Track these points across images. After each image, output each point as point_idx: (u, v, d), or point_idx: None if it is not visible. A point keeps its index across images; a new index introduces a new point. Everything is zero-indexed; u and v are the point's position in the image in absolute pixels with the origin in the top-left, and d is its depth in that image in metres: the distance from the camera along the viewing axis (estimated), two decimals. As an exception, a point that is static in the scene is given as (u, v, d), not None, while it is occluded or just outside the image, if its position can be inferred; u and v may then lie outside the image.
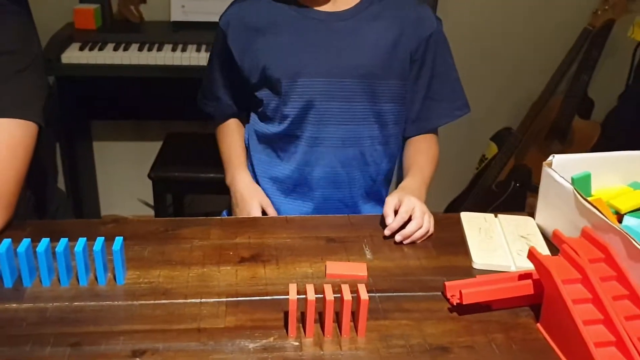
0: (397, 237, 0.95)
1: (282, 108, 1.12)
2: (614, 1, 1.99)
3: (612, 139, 2.13)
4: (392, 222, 0.95)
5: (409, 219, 0.96)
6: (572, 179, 0.96)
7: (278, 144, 1.16)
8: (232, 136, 1.25)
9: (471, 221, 1.03)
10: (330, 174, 1.15)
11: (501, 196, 2.23)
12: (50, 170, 1.34)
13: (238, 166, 1.21)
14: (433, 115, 1.19)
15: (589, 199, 0.95)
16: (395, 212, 0.97)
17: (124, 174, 2.55)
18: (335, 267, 0.88)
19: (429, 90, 1.16)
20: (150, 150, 2.20)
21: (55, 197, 1.33)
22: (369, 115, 1.13)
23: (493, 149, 2.34)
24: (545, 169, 0.97)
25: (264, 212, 1.14)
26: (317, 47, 1.08)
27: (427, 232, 0.97)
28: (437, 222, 1.02)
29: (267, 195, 1.18)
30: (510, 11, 2.39)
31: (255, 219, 1.06)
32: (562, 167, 0.98)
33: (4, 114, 0.95)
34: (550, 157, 0.98)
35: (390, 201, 0.98)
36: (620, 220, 0.96)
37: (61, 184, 2.35)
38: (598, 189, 1.00)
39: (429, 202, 2.14)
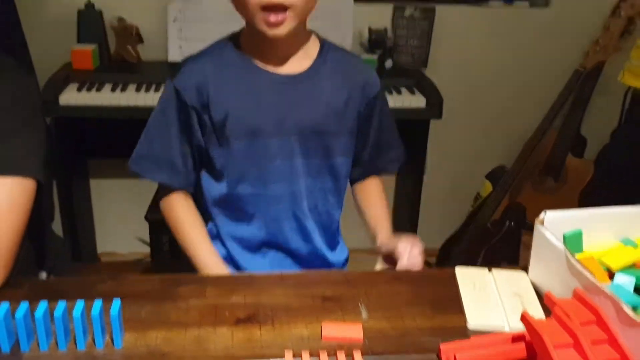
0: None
1: (240, 167, 1.14)
2: (604, 43, 2.03)
3: (604, 178, 2.15)
4: (404, 262, 1.11)
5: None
6: (564, 237, 0.98)
7: (237, 203, 1.18)
8: (187, 214, 1.20)
9: (466, 276, 1.04)
10: (293, 229, 1.21)
11: (496, 235, 2.25)
12: (48, 219, 1.34)
13: (203, 248, 1.18)
14: (380, 162, 1.29)
15: (580, 256, 0.97)
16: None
17: (121, 212, 2.56)
18: (331, 330, 0.89)
19: (377, 140, 1.25)
20: (148, 187, 2.19)
21: (54, 245, 1.33)
22: (324, 169, 1.19)
23: (488, 187, 2.36)
24: (537, 227, 0.99)
25: None
26: (274, 106, 1.11)
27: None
28: (433, 277, 1.04)
29: (234, 255, 1.21)
30: (503, 51, 2.44)
31: (250, 275, 1.07)
32: (553, 223, 0.99)
33: (3, 172, 0.96)
34: (542, 214, 1.00)
35: (404, 244, 1.14)
36: (612, 277, 0.97)
37: (58, 221, 2.36)
38: (590, 245, 1.01)
39: (425, 239, 2.19)
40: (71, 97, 2.03)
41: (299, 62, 1.13)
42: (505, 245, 2.23)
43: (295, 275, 1.04)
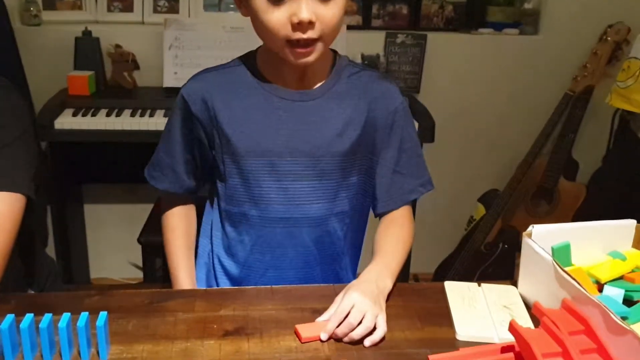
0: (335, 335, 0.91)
1: (250, 188, 1.10)
2: (592, 67, 2.07)
3: (597, 201, 2.16)
4: (328, 324, 0.90)
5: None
6: (552, 249, 0.98)
7: (240, 222, 1.14)
8: (181, 228, 1.20)
9: (455, 290, 1.04)
10: (302, 254, 1.14)
11: (490, 258, 2.25)
12: (39, 238, 1.34)
13: (183, 270, 1.18)
14: (401, 191, 1.16)
15: (568, 269, 0.97)
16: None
17: (114, 237, 2.55)
18: (307, 330, 0.89)
19: (397, 164, 1.15)
20: (141, 212, 2.21)
21: (45, 265, 1.33)
22: (340, 191, 1.13)
23: (481, 210, 2.37)
24: (525, 240, 0.99)
25: None
26: (287, 125, 1.07)
27: (370, 330, 0.90)
28: (422, 292, 1.03)
29: (233, 273, 1.18)
30: (494, 76, 2.47)
31: (240, 289, 1.07)
32: (541, 237, 0.99)
33: None
34: (530, 228, 1.00)
35: (337, 299, 0.96)
36: (600, 290, 0.97)
37: (51, 246, 2.35)
38: (578, 258, 1.02)
39: (420, 263, 2.15)
40: (66, 121, 2.04)
41: (314, 81, 1.09)
42: (499, 268, 2.23)
43: (286, 289, 1.04)
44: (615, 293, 0.95)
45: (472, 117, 2.51)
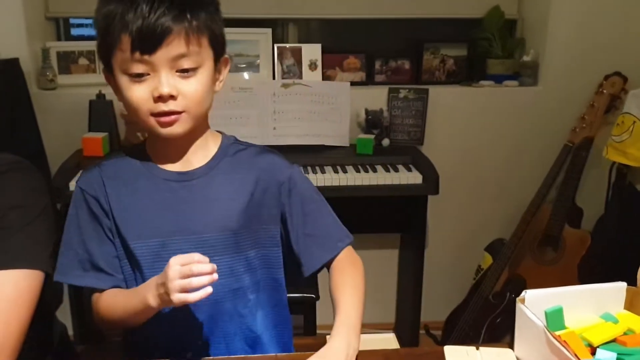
0: None
1: (143, 271, 1.09)
2: (590, 119, 2.12)
3: (601, 247, 2.19)
4: None
5: None
6: (545, 313, 1.02)
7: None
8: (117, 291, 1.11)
9: (454, 355, 1.07)
10: (206, 333, 1.13)
11: (498, 307, 2.26)
12: (54, 305, 1.38)
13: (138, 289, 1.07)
14: (317, 253, 1.16)
15: (562, 332, 1.00)
16: None
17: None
18: None
19: (306, 228, 1.16)
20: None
21: (58, 330, 1.37)
22: (235, 267, 1.13)
23: (488, 259, 2.40)
24: (519, 305, 1.03)
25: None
26: (173, 206, 1.09)
27: None
28: (422, 357, 1.06)
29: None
30: (495, 127, 2.53)
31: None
32: (535, 301, 1.03)
33: (11, 265, 1.02)
34: (523, 293, 1.04)
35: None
36: (593, 353, 1.00)
37: (66, 303, 2.40)
38: (571, 321, 1.05)
39: (430, 312, 2.16)
40: (81, 183, 2.11)
41: (198, 160, 1.12)
42: (507, 317, 2.23)
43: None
44: (607, 356, 0.98)
45: (476, 168, 2.56)
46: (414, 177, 2.22)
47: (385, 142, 2.43)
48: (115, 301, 1.08)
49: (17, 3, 2.28)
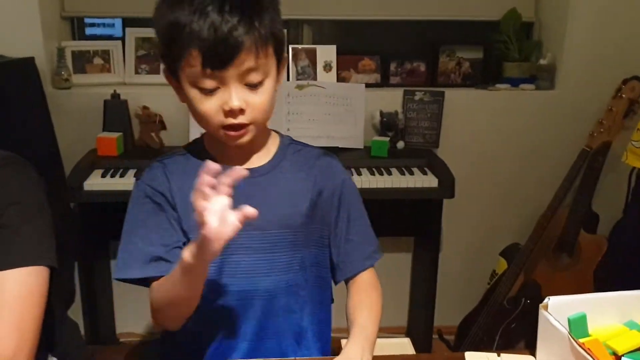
0: None
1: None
2: (608, 124, 2.09)
3: (618, 253, 2.16)
4: None
5: None
6: (569, 320, 1.00)
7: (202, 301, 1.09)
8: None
9: (474, 361, 1.05)
10: (255, 327, 1.15)
11: (513, 312, 2.24)
12: (60, 303, 1.37)
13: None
14: (356, 258, 1.20)
15: (585, 340, 0.98)
16: None
17: (141, 292, 2.58)
18: None
19: (349, 234, 1.20)
20: (166, 268, 2.25)
21: (66, 329, 1.36)
22: (292, 264, 1.15)
23: (503, 264, 2.37)
24: (542, 312, 1.01)
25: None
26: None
27: None
28: (441, 362, 1.05)
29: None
30: (512, 131, 2.52)
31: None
32: (558, 308, 1.01)
33: (18, 264, 1.01)
34: (546, 300, 1.02)
35: None
36: (618, 362, 0.98)
37: (78, 302, 2.40)
38: (595, 329, 1.03)
39: (444, 317, 2.12)
40: (95, 183, 2.11)
41: (260, 159, 1.15)
42: (522, 323, 2.22)
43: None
44: (632, 365, 0.96)
45: (491, 172, 2.54)
46: (429, 181, 2.20)
47: (400, 144, 2.41)
48: (164, 280, 1.07)
49: (33, 2, 2.29)
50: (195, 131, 2.33)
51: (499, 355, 1.07)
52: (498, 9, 2.53)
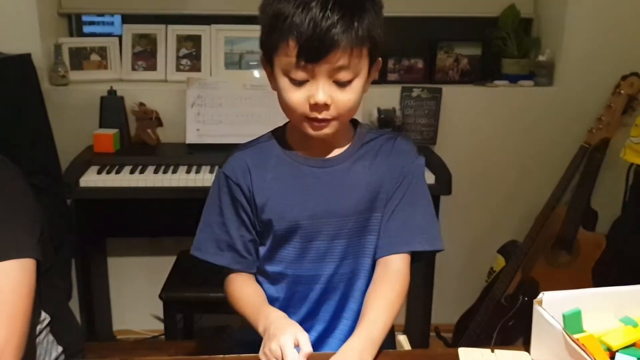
0: None
1: (284, 250, 1.18)
2: (607, 120, 2.08)
3: (616, 251, 2.15)
4: None
5: None
6: (563, 316, 0.99)
7: (279, 282, 1.21)
8: (249, 285, 1.21)
9: (468, 357, 1.04)
10: (333, 308, 1.21)
11: (511, 310, 2.23)
12: (62, 295, 1.37)
13: (269, 307, 1.15)
14: (391, 240, 1.16)
15: (580, 336, 0.98)
16: None
17: (137, 289, 2.59)
18: None
19: (394, 213, 1.17)
20: (163, 265, 2.25)
21: (69, 323, 1.36)
22: (366, 248, 1.19)
23: (501, 261, 2.36)
24: (536, 307, 1.00)
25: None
26: (316, 190, 1.15)
27: None
28: (436, 358, 1.04)
29: None
30: (510, 128, 2.51)
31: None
32: (552, 304, 1.01)
33: (5, 257, 1.02)
34: (540, 295, 1.02)
35: None
36: (612, 358, 0.97)
37: (75, 299, 2.40)
38: (590, 324, 1.02)
39: (441, 314, 2.10)
40: (91, 179, 2.11)
41: (338, 148, 1.18)
42: (520, 320, 2.21)
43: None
44: (627, 361, 0.95)
45: (489, 169, 2.53)
46: (427, 177, 2.17)
47: (398, 141, 2.40)
48: (240, 301, 1.17)
49: (30, -1, 2.28)
50: (193, 129, 2.33)
51: (492, 351, 1.06)
52: (497, 5, 2.52)
